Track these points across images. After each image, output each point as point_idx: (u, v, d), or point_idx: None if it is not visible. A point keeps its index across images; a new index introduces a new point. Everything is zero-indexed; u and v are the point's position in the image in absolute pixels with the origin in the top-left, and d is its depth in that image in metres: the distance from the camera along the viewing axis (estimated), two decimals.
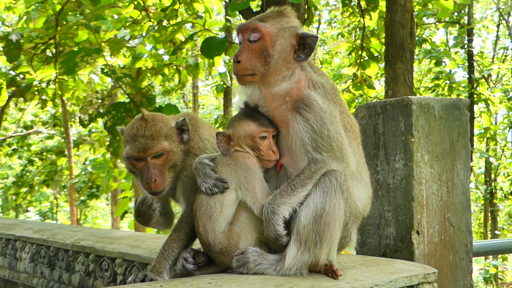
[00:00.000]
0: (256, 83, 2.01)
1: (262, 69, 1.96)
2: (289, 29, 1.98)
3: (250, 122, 2.04)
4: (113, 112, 5.53)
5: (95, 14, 6.45)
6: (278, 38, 1.96)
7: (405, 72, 7.20)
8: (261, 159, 2.03)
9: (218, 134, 2.05)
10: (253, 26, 1.97)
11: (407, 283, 2.03)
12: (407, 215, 2.45)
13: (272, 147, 2.03)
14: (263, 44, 1.96)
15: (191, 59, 8.75)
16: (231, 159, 2.02)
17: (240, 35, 2.01)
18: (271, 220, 1.85)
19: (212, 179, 1.97)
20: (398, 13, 7.15)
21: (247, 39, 1.97)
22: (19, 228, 4.02)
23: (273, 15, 2.00)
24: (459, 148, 2.63)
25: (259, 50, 1.96)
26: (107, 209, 26.16)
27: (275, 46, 1.96)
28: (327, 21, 18.72)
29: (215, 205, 1.95)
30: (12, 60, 7.08)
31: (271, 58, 1.95)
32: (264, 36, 1.95)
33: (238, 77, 1.99)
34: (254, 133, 2.01)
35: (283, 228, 1.87)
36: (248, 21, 2.00)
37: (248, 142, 2.03)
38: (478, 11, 20.83)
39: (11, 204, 23.63)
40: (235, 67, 1.98)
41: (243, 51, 1.97)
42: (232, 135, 2.04)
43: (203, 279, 1.81)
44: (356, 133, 2.15)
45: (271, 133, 2.04)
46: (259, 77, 1.98)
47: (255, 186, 1.95)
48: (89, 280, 3.09)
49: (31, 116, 20.36)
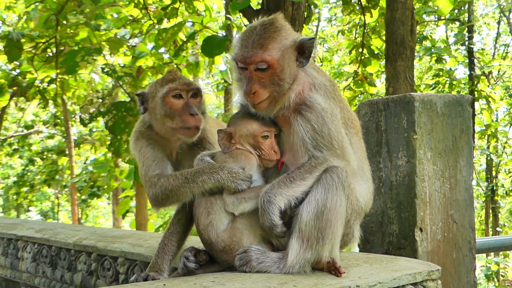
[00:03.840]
0: (271, 103, 1.99)
1: (276, 92, 1.96)
2: (290, 45, 1.97)
3: (252, 121, 2.03)
4: (114, 111, 5.52)
5: (95, 13, 6.45)
6: (284, 60, 1.95)
7: (405, 70, 7.19)
8: (262, 158, 2.02)
9: (220, 131, 2.04)
10: (259, 58, 1.92)
11: (411, 281, 2.02)
12: (410, 212, 2.44)
13: (273, 147, 2.02)
14: (272, 71, 1.94)
15: (191, 58, 8.74)
16: (231, 157, 2.02)
17: (241, 64, 1.96)
18: (267, 209, 1.85)
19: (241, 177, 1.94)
20: (399, 11, 7.14)
21: (254, 70, 1.94)
22: (21, 227, 4.01)
23: (271, 35, 1.94)
24: (462, 145, 2.62)
25: (270, 77, 1.94)
26: (108, 208, 26.18)
27: (283, 69, 1.95)
28: (327, 19, 18.69)
29: (216, 202, 1.94)
30: (13, 59, 7.07)
31: (283, 81, 1.95)
32: (273, 65, 1.93)
33: (254, 106, 1.98)
34: (256, 132, 2.01)
35: (279, 217, 1.86)
36: (250, 53, 1.92)
37: (250, 141, 2.02)
38: (479, 8, 20.79)
39: (12, 203, 23.67)
40: (250, 98, 1.95)
41: (254, 82, 1.94)
42: (233, 133, 2.03)
43: (206, 277, 1.80)
44: (357, 128, 2.16)
45: (273, 132, 2.03)
46: (273, 97, 1.97)
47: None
48: (91, 279, 3.08)
49: (32, 116, 20.36)
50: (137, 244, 2.88)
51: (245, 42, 1.95)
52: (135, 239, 3.00)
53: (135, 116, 5.41)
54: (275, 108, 2.00)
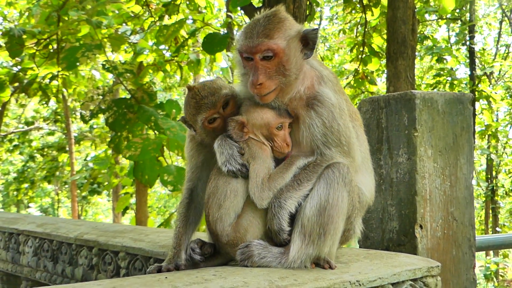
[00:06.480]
0: (278, 95, 1.98)
1: (282, 84, 1.95)
2: (295, 35, 1.96)
3: (267, 110, 1.98)
4: (115, 108, 5.52)
5: (97, 9, 6.44)
6: (290, 50, 1.94)
7: (406, 69, 7.20)
8: (273, 150, 1.99)
9: (231, 120, 1.99)
10: (265, 46, 1.90)
11: (411, 276, 2.03)
12: (410, 209, 2.46)
13: (286, 139, 1.99)
14: (278, 60, 1.92)
15: (192, 55, 8.74)
16: (246, 146, 1.98)
17: (246, 55, 1.95)
18: (277, 214, 1.87)
19: (238, 163, 1.93)
20: (400, 10, 7.15)
21: (260, 59, 1.93)
22: (22, 222, 4.03)
23: (276, 26, 1.94)
24: (463, 143, 2.63)
25: (276, 67, 1.93)
26: (108, 205, 26.21)
27: (289, 59, 1.94)
28: (328, 17, 18.67)
29: (230, 195, 1.92)
30: (14, 55, 7.07)
31: (289, 71, 1.94)
32: (278, 54, 1.91)
33: (261, 97, 1.96)
34: (271, 123, 1.96)
35: (288, 224, 1.88)
36: (256, 42, 1.91)
37: (264, 131, 1.98)
38: (481, 8, 20.77)
39: (12, 199, 23.70)
40: (256, 89, 1.92)
41: (260, 73, 1.91)
42: (246, 122, 1.99)
43: (207, 271, 1.82)
44: (360, 120, 2.19)
45: (287, 123, 1.99)
46: (279, 89, 1.96)
47: (259, 174, 1.92)
48: (93, 273, 3.10)
49: (32, 112, 20.37)
50: (138, 239, 2.89)
51: (249, 34, 1.94)
52: (136, 234, 3.01)
53: (136, 113, 5.42)
54: (284, 99, 1.98)
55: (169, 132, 4.87)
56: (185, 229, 2.10)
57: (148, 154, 4.87)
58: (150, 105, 5.55)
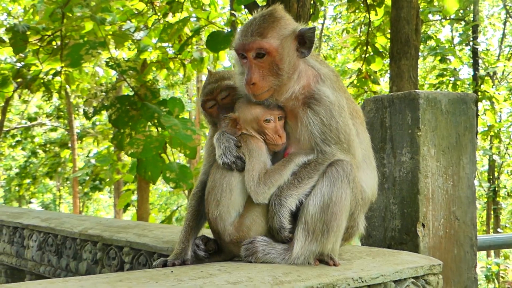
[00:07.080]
0: (273, 95, 2.00)
1: (276, 82, 1.96)
2: (289, 34, 1.97)
3: (256, 106, 2.03)
4: (118, 105, 5.54)
5: (101, 6, 6.46)
6: (283, 49, 1.95)
7: (409, 69, 7.20)
8: (267, 143, 2.02)
9: (225, 117, 2.06)
10: (257, 45, 1.92)
11: (413, 274, 2.06)
12: (413, 208, 2.47)
13: (278, 131, 2.02)
14: (271, 59, 1.94)
15: (196, 53, 8.76)
16: (242, 142, 2.02)
17: (241, 53, 1.97)
18: (278, 212, 1.89)
19: (233, 155, 1.97)
20: (404, 10, 7.14)
21: (253, 58, 1.95)
22: (27, 216, 4.06)
23: (270, 25, 1.95)
24: (465, 143, 2.65)
25: (269, 66, 1.95)
26: (110, 201, 26.28)
27: (283, 58, 1.95)
28: (332, 16, 18.67)
29: (226, 189, 1.95)
30: (18, 51, 7.09)
31: (282, 71, 1.95)
32: (271, 53, 1.93)
33: (255, 96, 1.98)
34: (259, 116, 2.01)
35: (289, 221, 1.90)
36: (249, 40, 1.93)
37: (254, 125, 2.03)
38: (485, 9, 20.71)
39: (14, 195, 23.76)
40: (250, 89, 1.95)
41: (253, 72, 1.93)
42: (238, 118, 2.04)
43: (212, 266, 1.84)
44: (362, 118, 2.19)
45: (277, 116, 2.02)
46: (274, 89, 1.98)
47: (255, 168, 1.94)
48: (97, 268, 3.12)
49: (35, 108, 20.42)
50: (142, 234, 2.92)
51: (244, 32, 1.97)
52: (140, 229, 3.04)
53: (139, 110, 5.44)
54: (280, 98, 2.00)
55: (171, 130, 4.88)
56: (195, 223, 2.11)
57: (150, 151, 4.89)
58: (153, 102, 5.57)
